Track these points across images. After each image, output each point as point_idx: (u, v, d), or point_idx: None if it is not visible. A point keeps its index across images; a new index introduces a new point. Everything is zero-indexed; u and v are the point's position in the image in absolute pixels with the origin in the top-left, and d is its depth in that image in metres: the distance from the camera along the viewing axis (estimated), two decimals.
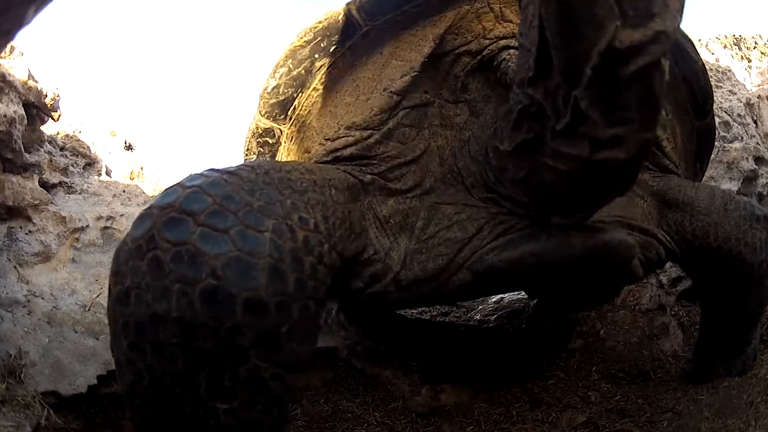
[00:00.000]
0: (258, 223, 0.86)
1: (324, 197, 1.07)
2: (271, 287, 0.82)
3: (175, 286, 0.78)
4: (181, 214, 0.82)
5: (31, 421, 1.33)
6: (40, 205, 1.83)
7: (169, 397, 0.81)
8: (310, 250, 0.92)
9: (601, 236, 1.26)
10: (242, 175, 0.95)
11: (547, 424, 1.57)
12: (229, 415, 0.83)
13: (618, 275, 1.43)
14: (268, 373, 0.84)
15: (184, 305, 0.78)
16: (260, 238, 0.84)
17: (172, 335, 0.78)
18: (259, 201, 0.90)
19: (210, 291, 0.78)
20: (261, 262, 0.82)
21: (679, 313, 1.98)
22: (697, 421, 1.43)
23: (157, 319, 0.78)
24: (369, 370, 1.95)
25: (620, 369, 1.81)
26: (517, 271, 1.25)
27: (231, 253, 0.80)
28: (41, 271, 1.76)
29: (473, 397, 1.74)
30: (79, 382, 1.51)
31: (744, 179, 2.07)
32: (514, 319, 2.41)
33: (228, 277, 0.79)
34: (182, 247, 0.79)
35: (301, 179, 1.05)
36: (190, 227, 0.81)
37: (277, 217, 0.90)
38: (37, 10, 1.02)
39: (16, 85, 1.71)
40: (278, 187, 0.97)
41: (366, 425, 1.69)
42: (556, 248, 1.22)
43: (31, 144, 1.90)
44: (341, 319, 2.19)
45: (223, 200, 0.86)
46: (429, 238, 1.29)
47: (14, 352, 1.44)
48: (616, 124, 0.83)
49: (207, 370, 0.80)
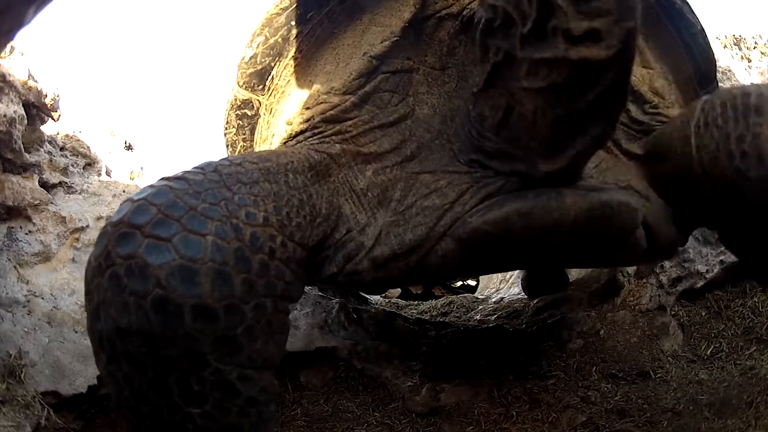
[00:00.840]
0: (201, 227, 0.85)
1: (277, 186, 1.02)
2: (217, 292, 0.82)
3: (131, 300, 0.80)
4: (130, 228, 0.83)
5: (31, 421, 1.33)
6: (40, 205, 1.83)
7: (149, 404, 0.85)
8: (258, 247, 0.90)
9: (598, 195, 1.11)
10: (189, 178, 0.93)
11: (547, 424, 1.57)
12: (204, 418, 0.85)
13: (617, 246, 1.24)
14: (234, 375, 0.86)
15: (141, 317, 0.80)
16: (202, 242, 0.83)
17: (139, 346, 0.81)
18: (204, 203, 0.89)
19: (159, 301, 0.79)
20: (203, 268, 0.82)
21: (679, 313, 1.98)
22: (697, 421, 1.43)
23: (123, 333, 0.81)
24: (369, 370, 1.95)
25: (620, 369, 1.81)
26: (504, 238, 1.12)
27: (174, 261, 0.80)
28: (41, 271, 1.76)
29: (473, 397, 1.74)
30: (79, 382, 1.51)
31: None
32: (514, 319, 2.41)
33: (173, 286, 0.79)
34: (132, 261, 0.80)
35: (252, 170, 1.01)
36: (138, 240, 0.82)
37: (221, 218, 0.88)
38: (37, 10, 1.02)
39: (16, 85, 1.71)
40: (226, 183, 0.95)
41: (366, 425, 1.69)
42: (545, 208, 1.08)
43: (31, 144, 1.90)
44: (341, 319, 2.19)
45: (167, 208, 0.85)
46: (407, 209, 1.20)
47: (14, 352, 1.44)
48: (591, 16, 0.76)
49: (175, 376, 0.83)
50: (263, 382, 0.91)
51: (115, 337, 0.82)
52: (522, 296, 2.71)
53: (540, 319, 2.27)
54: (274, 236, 0.94)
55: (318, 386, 1.92)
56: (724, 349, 1.78)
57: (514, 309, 2.52)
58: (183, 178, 0.93)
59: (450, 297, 3.17)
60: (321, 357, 2.00)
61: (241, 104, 1.46)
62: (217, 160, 1.02)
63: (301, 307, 2.23)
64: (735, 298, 1.96)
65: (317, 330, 2.09)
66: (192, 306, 0.80)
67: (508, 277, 3.25)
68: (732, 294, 1.98)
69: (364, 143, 1.26)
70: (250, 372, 0.88)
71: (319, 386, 1.92)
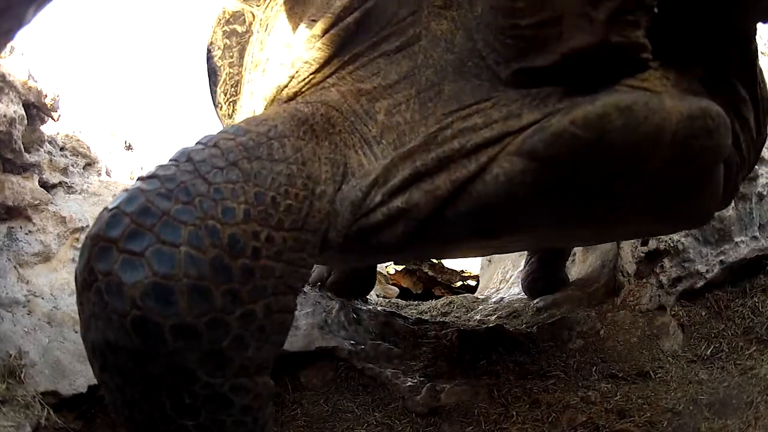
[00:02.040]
0: (174, 236, 0.77)
1: (259, 163, 0.88)
2: (195, 308, 0.75)
3: (114, 317, 0.75)
4: (106, 242, 0.77)
5: (31, 421, 1.33)
6: (40, 205, 1.83)
7: (142, 414, 0.82)
8: (239, 251, 0.80)
9: (697, 101, 0.87)
10: (161, 175, 0.84)
11: (547, 424, 1.57)
12: (199, 429, 0.82)
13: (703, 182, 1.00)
14: (226, 388, 0.82)
15: (123, 335, 0.76)
16: (175, 255, 0.75)
17: (126, 360, 0.78)
18: (177, 204, 0.79)
19: (137, 322, 0.74)
20: (179, 285, 0.74)
21: (679, 313, 1.98)
22: (697, 421, 1.43)
23: (111, 347, 0.78)
24: (369, 370, 1.95)
25: (620, 369, 1.81)
26: (596, 150, 0.84)
27: (147, 280, 0.74)
28: (41, 271, 1.76)
29: (473, 397, 1.74)
30: (79, 382, 1.51)
31: (744, 179, 2.07)
32: (514, 319, 2.41)
33: (149, 306, 0.74)
34: (109, 278, 0.75)
35: (228, 149, 0.87)
36: (113, 256, 0.76)
37: (194, 221, 0.78)
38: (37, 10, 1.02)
39: (16, 85, 1.71)
40: (200, 172, 0.83)
41: (366, 425, 1.69)
42: (647, 105, 0.82)
43: (31, 144, 1.90)
44: (341, 319, 2.19)
45: (138, 216, 0.78)
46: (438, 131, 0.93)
47: (14, 352, 1.44)
48: None
49: (165, 390, 0.79)
50: (258, 389, 0.87)
51: (105, 350, 0.79)
52: (522, 296, 2.71)
53: (540, 319, 2.27)
54: (258, 233, 0.82)
55: (318, 386, 1.92)
56: (724, 349, 1.78)
57: (514, 309, 2.52)
58: (155, 175, 0.84)
59: (450, 297, 3.17)
60: (321, 357, 2.00)
61: (230, 18, 1.26)
62: (192, 145, 0.90)
63: (301, 307, 2.23)
64: (735, 298, 1.96)
65: (317, 330, 2.09)
66: (171, 326, 0.75)
67: (508, 277, 3.25)
68: (732, 294, 1.98)
69: (364, 77, 1.04)
70: (244, 381, 0.84)
71: (319, 386, 1.92)
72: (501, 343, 2.04)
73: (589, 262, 2.68)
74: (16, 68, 1.74)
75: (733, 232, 2.02)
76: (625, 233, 1.54)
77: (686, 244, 2.04)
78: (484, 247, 1.42)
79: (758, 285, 1.95)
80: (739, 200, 2.06)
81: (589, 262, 2.68)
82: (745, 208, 2.06)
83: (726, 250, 2.00)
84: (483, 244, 1.22)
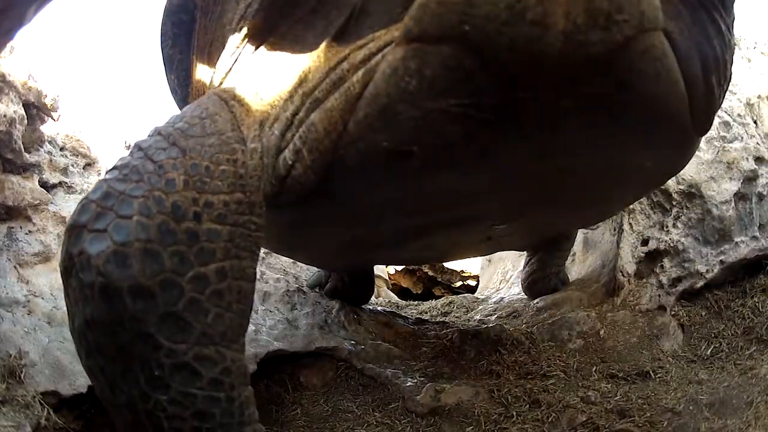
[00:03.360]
0: (128, 210, 0.86)
1: (194, 141, 0.95)
2: (148, 269, 0.83)
3: (87, 292, 0.84)
4: (78, 228, 0.87)
5: (31, 421, 1.33)
6: (40, 205, 1.83)
7: (123, 394, 0.87)
8: (182, 216, 0.87)
9: None
10: (119, 165, 0.94)
11: (547, 424, 1.57)
12: (173, 405, 0.85)
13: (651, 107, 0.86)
14: (190, 356, 0.85)
15: (95, 307, 0.83)
16: (129, 224, 0.85)
17: (101, 336, 0.85)
18: (130, 184, 0.89)
19: (102, 289, 0.82)
20: (132, 249, 0.83)
21: (679, 313, 1.98)
22: (697, 421, 1.43)
23: (89, 325, 0.85)
24: (369, 370, 1.95)
25: (620, 369, 1.81)
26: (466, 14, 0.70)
27: (109, 249, 0.83)
28: (41, 271, 1.76)
29: (473, 397, 1.74)
30: (79, 382, 1.51)
31: (744, 179, 2.07)
32: (514, 319, 2.41)
33: (110, 271, 0.82)
34: (81, 257, 0.84)
35: (169, 134, 0.95)
36: (84, 237, 0.86)
37: (144, 194, 0.87)
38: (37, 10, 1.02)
39: (16, 85, 1.71)
40: (148, 155, 0.92)
41: (366, 425, 1.69)
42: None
43: (31, 144, 1.90)
44: (341, 319, 2.19)
45: (102, 200, 0.88)
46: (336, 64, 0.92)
47: (14, 352, 1.44)
48: None
49: (138, 363, 0.84)
50: (225, 363, 0.89)
51: (85, 331, 0.86)
52: (522, 296, 2.71)
53: (540, 319, 2.27)
54: (197, 199, 0.89)
55: (318, 386, 1.92)
56: (724, 349, 1.79)
57: (514, 309, 2.52)
58: (115, 167, 0.94)
59: (450, 297, 3.17)
60: (321, 357, 2.00)
61: (176, 8, 1.34)
62: (140, 138, 1.00)
63: (301, 307, 2.23)
64: (735, 298, 1.96)
65: (317, 330, 2.09)
66: (128, 287, 0.82)
67: (508, 277, 3.25)
68: (732, 294, 1.98)
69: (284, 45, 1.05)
70: (208, 351, 0.87)
71: (319, 386, 1.92)
72: (501, 343, 2.05)
73: (589, 262, 2.68)
74: (16, 68, 1.74)
75: (733, 232, 2.02)
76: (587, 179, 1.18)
77: (686, 244, 2.04)
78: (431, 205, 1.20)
79: (758, 285, 1.95)
80: (739, 200, 2.06)
81: (589, 262, 2.69)
82: (745, 208, 2.07)
83: (726, 250, 2.00)
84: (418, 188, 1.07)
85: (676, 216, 2.10)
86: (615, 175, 1.20)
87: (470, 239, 1.73)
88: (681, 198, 2.09)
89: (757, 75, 2.36)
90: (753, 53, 2.44)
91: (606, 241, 2.56)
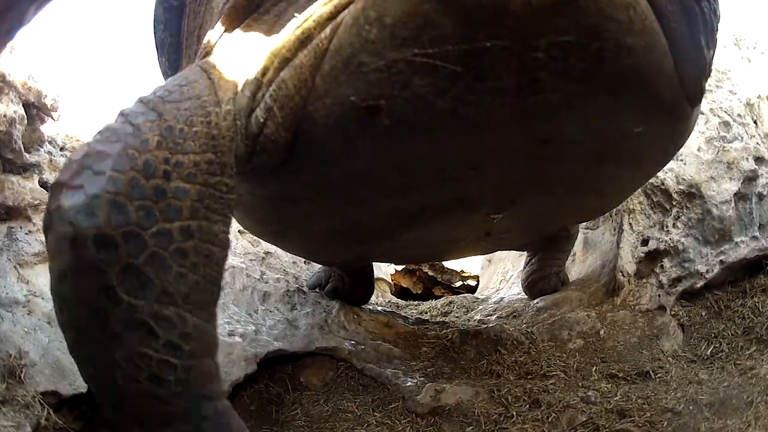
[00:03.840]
0: (103, 166, 0.88)
1: (171, 105, 0.98)
2: (113, 220, 0.84)
3: (60, 243, 0.85)
4: (60, 186, 0.89)
5: (31, 421, 1.33)
6: (40, 205, 1.83)
7: (87, 352, 0.90)
8: (152, 173, 0.89)
9: None
10: (102, 129, 0.95)
11: (547, 424, 1.57)
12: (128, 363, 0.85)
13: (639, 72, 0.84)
14: (147, 313, 0.85)
15: (64, 257, 0.85)
16: (102, 178, 0.87)
17: (69, 289, 0.86)
18: (108, 144, 0.91)
19: (72, 238, 0.84)
20: (100, 201, 0.85)
21: (679, 313, 1.98)
22: (697, 421, 1.43)
23: (59, 277, 0.87)
24: (369, 370, 1.95)
25: (620, 369, 1.81)
26: None
27: (80, 201, 0.85)
28: (41, 271, 1.76)
29: (473, 397, 1.74)
30: (79, 382, 1.51)
31: (744, 179, 2.07)
32: (514, 319, 2.41)
33: (80, 221, 0.84)
34: (59, 211, 0.86)
35: (149, 101, 0.98)
36: (63, 193, 0.87)
37: (119, 151, 0.89)
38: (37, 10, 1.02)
39: (16, 85, 1.71)
40: (128, 120, 0.95)
41: (366, 425, 1.69)
42: None
43: (31, 144, 1.90)
44: (341, 319, 2.19)
45: (82, 160, 0.90)
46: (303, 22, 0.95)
47: (14, 352, 1.44)
48: None
49: (97, 317, 0.85)
50: (186, 328, 0.88)
51: (58, 284, 0.88)
52: (522, 296, 2.71)
53: (540, 319, 2.27)
54: (168, 158, 0.91)
55: (318, 386, 1.92)
56: (724, 349, 1.79)
57: (514, 309, 2.52)
58: (98, 131, 0.96)
59: (450, 297, 3.17)
60: (321, 357, 2.00)
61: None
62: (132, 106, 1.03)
63: (301, 307, 2.23)
64: (735, 298, 1.96)
65: (317, 330, 2.09)
66: (93, 236, 0.83)
67: (508, 277, 3.25)
68: (732, 294, 1.98)
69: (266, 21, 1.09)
70: (168, 311, 0.87)
71: (319, 386, 1.92)
72: (501, 343, 2.05)
73: (589, 262, 2.68)
74: (16, 68, 1.74)
75: (733, 232, 2.02)
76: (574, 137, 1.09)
77: (686, 244, 2.05)
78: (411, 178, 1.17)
79: (758, 285, 1.95)
80: (739, 200, 2.06)
81: (589, 262, 2.69)
82: (745, 208, 2.07)
83: (726, 250, 2.01)
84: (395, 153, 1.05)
85: (676, 216, 2.10)
86: (606, 150, 1.14)
87: (467, 234, 1.72)
88: (681, 198, 2.09)
89: (757, 75, 2.36)
90: (753, 53, 2.44)
91: (606, 241, 2.56)
